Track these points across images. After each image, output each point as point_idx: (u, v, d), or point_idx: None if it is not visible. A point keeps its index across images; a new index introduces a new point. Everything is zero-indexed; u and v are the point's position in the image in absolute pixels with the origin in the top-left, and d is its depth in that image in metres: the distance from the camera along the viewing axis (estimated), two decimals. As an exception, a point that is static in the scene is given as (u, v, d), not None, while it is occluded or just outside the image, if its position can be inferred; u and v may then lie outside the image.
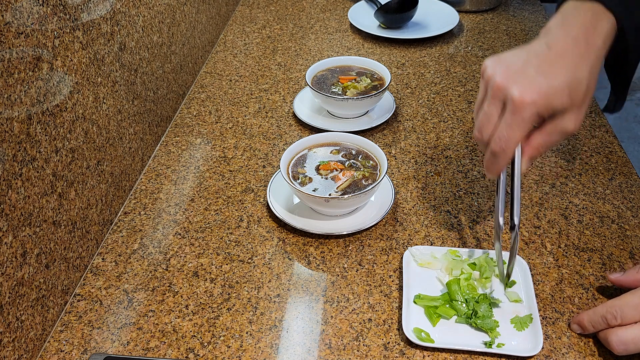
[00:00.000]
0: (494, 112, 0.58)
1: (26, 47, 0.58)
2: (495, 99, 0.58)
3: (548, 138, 0.59)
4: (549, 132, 0.59)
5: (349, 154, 0.81)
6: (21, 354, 0.59)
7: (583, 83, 0.57)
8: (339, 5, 1.40)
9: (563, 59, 0.57)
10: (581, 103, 0.57)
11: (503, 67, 0.58)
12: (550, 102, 0.56)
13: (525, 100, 0.55)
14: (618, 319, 0.57)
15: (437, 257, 0.70)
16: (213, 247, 0.74)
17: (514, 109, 0.56)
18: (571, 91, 0.56)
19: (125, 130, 0.81)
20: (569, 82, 0.56)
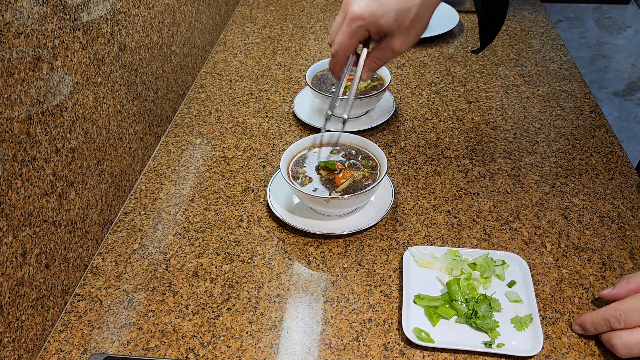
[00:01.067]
0: (339, 21, 0.70)
1: (26, 47, 0.58)
2: (342, 11, 0.69)
3: (382, 53, 0.71)
4: (382, 48, 0.70)
5: (349, 154, 0.81)
6: (21, 354, 0.59)
7: (412, 11, 0.66)
8: (339, 6, 1.40)
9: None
10: (408, 28, 0.67)
11: None
12: (377, 20, 0.66)
13: (356, 14, 0.66)
14: (622, 322, 0.56)
15: (437, 257, 0.70)
16: (213, 247, 0.74)
17: (347, 20, 0.67)
18: (398, 15, 0.66)
19: (125, 130, 0.81)
20: (398, 7, 0.66)
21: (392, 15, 0.66)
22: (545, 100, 1.02)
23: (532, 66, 1.12)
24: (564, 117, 0.97)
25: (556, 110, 0.99)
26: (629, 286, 0.61)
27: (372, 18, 0.66)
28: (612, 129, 0.94)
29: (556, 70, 1.11)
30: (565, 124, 0.96)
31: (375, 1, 0.66)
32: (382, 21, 0.66)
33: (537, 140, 0.92)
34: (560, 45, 1.20)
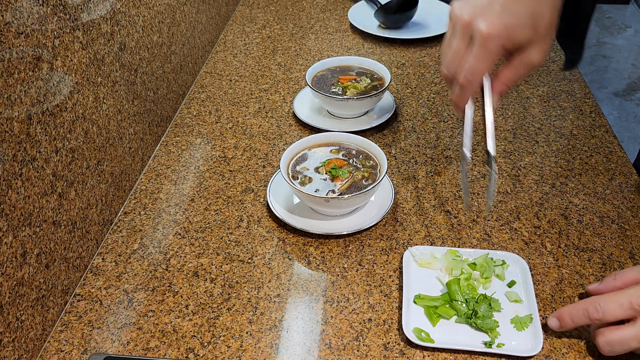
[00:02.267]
0: (461, 47, 0.60)
1: (26, 47, 0.58)
2: (463, 34, 0.60)
3: (515, 71, 0.62)
4: (515, 65, 0.61)
5: (349, 154, 0.81)
6: (21, 354, 0.59)
7: (546, 15, 0.58)
8: (339, 5, 1.40)
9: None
10: (545, 34, 0.59)
11: (469, 6, 0.60)
12: (515, 34, 0.58)
13: (491, 32, 0.57)
14: (600, 312, 0.56)
15: (437, 257, 0.70)
16: (213, 247, 0.74)
17: (481, 42, 0.58)
18: (534, 23, 0.58)
19: (125, 130, 0.81)
20: (532, 14, 0.58)
21: (529, 25, 0.58)
22: (545, 100, 1.02)
23: (532, 66, 1.12)
24: (564, 117, 0.97)
25: (556, 110, 0.99)
26: (615, 283, 0.61)
27: (509, 32, 0.57)
28: (612, 129, 0.94)
29: (556, 70, 1.11)
30: (565, 124, 0.96)
31: (505, 13, 0.57)
32: (519, 34, 0.58)
33: (537, 140, 0.92)
34: (560, 45, 1.20)
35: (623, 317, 0.55)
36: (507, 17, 0.57)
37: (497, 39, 0.57)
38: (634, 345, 0.55)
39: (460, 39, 0.60)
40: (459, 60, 0.61)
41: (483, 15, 0.58)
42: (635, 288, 0.56)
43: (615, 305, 0.55)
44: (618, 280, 0.60)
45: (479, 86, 0.61)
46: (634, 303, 0.55)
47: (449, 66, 0.62)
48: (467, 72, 0.60)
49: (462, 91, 0.62)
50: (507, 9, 0.58)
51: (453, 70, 0.62)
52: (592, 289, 0.63)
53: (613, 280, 0.61)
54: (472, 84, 0.60)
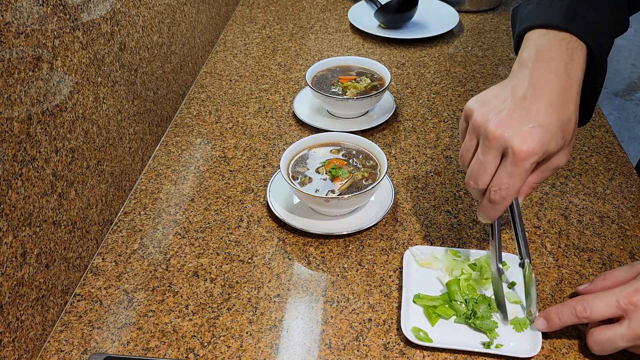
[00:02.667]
0: (491, 162, 0.57)
1: (26, 47, 0.58)
2: (492, 148, 0.57)
3: (542, 175, 0.61)
4: (542, 170, 0.60)
5: (349, 154, 0.81)
6: (21, 354, 0.59)
7: (572, 120, 0.58)
8: (339, 5, 1.40)
9: (553, 103, 0.57)
10: (571, 139, 0.59)
11: (493, 112, 0.57)
12: (548, 147, 0.56)
13: (526, 151, 0.55)
14: (587, 311, 0.56)
15: (438, 257, 0.70)
16: (213, 247, 0.74)
17: (516, 160, 0.55)
18: (564, 132, 0.57)
19: (125, 130, 0.81)
20: (561, 123, 0.57)
21: (559, 136, 0.56)
22: (545, 100, 1.01)
23: (532, 66, 1.12)
24: (564, 117, 0.97)
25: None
26: (605, 283, 0.61)
27: (544, 148, 0.55)
28: (612, 129, 0.94)
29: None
30: (565, 124, 0.96)
31: (538, 127, 0.55)
32: (552, 147, 0.56)
33: (537, 140, 0.92)
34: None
35: (610, 315, 0.55)
36: (540, 132, 0.55)
37: (533, 157, 0.55)
38: (622, 344, 0.55)
39: (488, 153, 0.57)
40: (488, 175, 0.58)
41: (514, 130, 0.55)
42: (623, 287, 0.56)
43: (602, 304, 0.55)
44: (608, 281, 0.61)
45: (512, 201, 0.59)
46: (621, 302, 0.54)
47: (476, 179, 0.59)
48: (501, 190, 0.57)
49: (494, 206, 0.59)
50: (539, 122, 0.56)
51: (482, 184, 0.59)
52: (582, 289, 0.63)
53: (603, 280, 0.61)
54: (505, 201, 0.58)
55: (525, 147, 0.55)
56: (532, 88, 0.58)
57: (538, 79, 0.58)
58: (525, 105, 0.57)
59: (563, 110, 0.57)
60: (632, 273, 0.59)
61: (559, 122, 0.56)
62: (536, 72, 0.58)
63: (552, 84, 0.57)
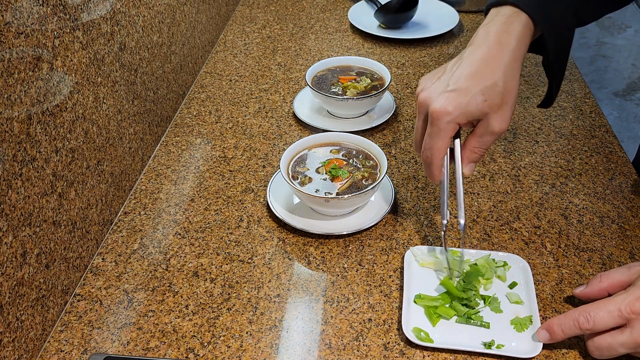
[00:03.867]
0: (420, 125, 0.64)
1: (26, 47, 0.58)
2: (420, 113, 0.64)
3: (480, 140, 0.63)
4: (479, 134, 0.63)
5: (349, 154, 0.81)
6: (21, 354, 0.59)
7: (498, 85, 0.60)
8: (339, 5, 1.40)
9: (476, 69, 0.61)
10: (501, 104, 0.61)
11: (428, 85, 0.63)
12: (465, 109, 0.60)
13: (439, 110, 0.60)
14: (590, 322, 0.56)
15: (439, 257, 0.70)
16: (213, 247, 0.74)
17: (432, 120, 0.61)
18: (486, 96, 0.60)
19: (125, 130, 0.81)
20: (482, 87, 0.60)
21: (479, 99, 0.60)
22: (545, 100, 1.02)
23: (532, 66, 1.12)
24: (564, 117, 0.97)
25: (556, 110, 0.99)
26: (601, 285, 0.61)
27: (459, 110, 0.60)
28: (612, 129, 0.94)
29: (556, 70, 1.11)
30: (565, 124, 0.96)
31: (454, 91, 0.60)
32: (470, 109, 0.60)
33: (537, 140, 0.92)
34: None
35: (613, 325, 0.55)
36: (455, 95, 0.60)
37: (446, 116, 0.60)
38: (622, 351, 0.55)
39: (419, 118, 0.64)
40: (419, 138, 0.65)
41: (434, 95, 0.61)
42: (623, 295, 0.56)
43: (604, 314, 0.55)
44: (604, 282, 0.60)
45: (441, 161, 0.64)
46: (623, 311, 0.54)
47: (415, 143, 0.67)
48: (426, 149, 0.63)
49: (426, 166, 0.65)
50: (458, 87, 0.60)
51: (417, 147, 0.66)
52: (578, 292, 0.63)
53: (599, 282, 0.61)
54: (433, 160, 0.63)
55: (438, 107, 0.60)
56: (461, 60, 0.62)
57: (470, 53, 0.62)
58: (450, 74, 0.62)
59: (487, 75, 0.60)
60: (629, 275, 0.59)
61: (480, 86, 0.60)
62: (472, 49, 0.63)
63: (478, 54, 0.61)
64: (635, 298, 0.55)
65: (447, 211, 0.68)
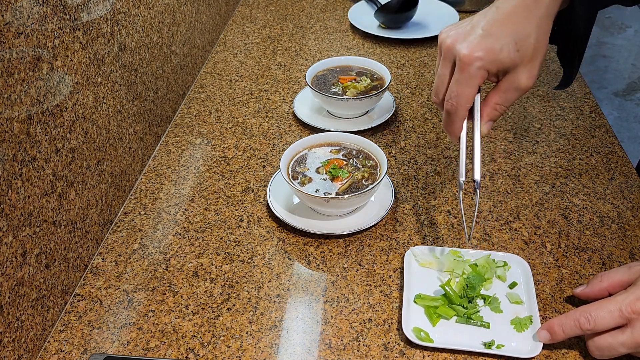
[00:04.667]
0: (445, 73, 0.60)
1: (26, 47, 0.58)
2: (446, 59, 0.60)
3: (503, 95, 0.61)
4: (503, 89, 0.60)
5: (349, 154, 0.81)
6: (21, 354, 0.59)
7: (531, 36, 0.57)
8: (339, 5, 1.40)
9: (509, 17, 0.58)
10: (532, 57, 0.58)
11: (454, 31, 0.60)
12: (497, 56, 0.57)
13: (471, 55, 0.57)
14: (591, 323, 0.56)
15: (439, 257, 0.70)
16: (213, 247, 0.74)
17: (462, 65, 0.58)
18: (519, 45, 0.57)
19: (125, 130, 0.81)
20: (516, 36, 0.57)
21: (512, 47, 0.57)
22: (545, 100, 1.02)
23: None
24: (564, 117, 0.97)
25: (556, 110, 0.99)
26: (601, 285, 0.61)
27: (491, 55, 0.57)
28: (612, 129, 0.94)
29: (556, 70, 1.11)
30: (565, 124, 0.96)
31: (486, 36, 0.57)
32: (502, 56, 0.57)
33: (537, 140, 0.92)
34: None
35: (614, 325, 0.55)
36: (489, 40, 0.57)
37: (477, 62, 0.57)
38: (623, 351, 0.55)
39: (443, 65, 0.60)
40: (444, 86, 0.61)
41: (465, 39, 0.58)
42: (624, 295, 0.56)
43: (605, 315, 0.55)
44: (604, 282, 0.60)
45: (466, 112, 0.60)
46: (624, 311, 0.54)
47: (436, 91, 0.62)
48: (451, 97, 0.59)
49: (449, 117, 0.61)
50: (489, 32, 0.58)
51: (440, 96, 0.62)
52: (579, 292, 0.63)
53: (599, 282, 0.61)
54: (457, 110, 0.60)
55: (470, 52, 0.57)
56: (495, 9, 0.59)
57: (502, 3, 0.59)
58: (483, 21, 0.59)
59: (521, 25, 0.57)
60: (629, 275, 0.59)
61: (514, 35, 0.57)
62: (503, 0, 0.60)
63: (514, 6, 0.58)
64: (635, 298, 0.55)
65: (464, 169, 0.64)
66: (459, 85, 0.59)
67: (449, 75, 0.60)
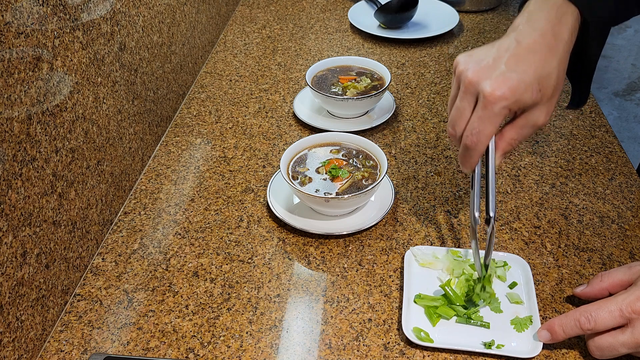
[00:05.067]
0: (466, 107, 0.59)
1: (26, 47, 0.58)
2: (468, 93, 0.59)
3: (520, 131, 0.61)
4: (520, 125, 0.61)
5: (349, 154, 0.81)
6: (21, 354, 0.59)
7: (552, 76, 0.58)
8: (339, 5, 1.40)
9: (532, 53, 0.58)
10: (551, 96, 0.59)
11: (474, 62, 0.59)
12: (521, 96, 0.57)
13: (496, 94, 0.56)
14: (592, 322, 0.56)
15: (439, 257, 0.70)
16: (213, 247, 0.74)
17: (486, 103, 0.57)
18: (541, 85, 0.58)
19: (125, 130, 0.81)
20: (539, 76, 0.57)
21: (535, 87, 0.57)
22: (545, 100, 1.01)
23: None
24: (564, 117, 0.97)
25: (556, 110, 0.99)
26: (602, 284, 0.60)
27: (515, 95, 0.57)
28: (612, 129, 0.94)
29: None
30: (565, 124, 0.96)
31: (510, 74, 0.57)
32: (526, 97, 0.57)
33: (537, 140, 0.92)
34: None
35: (614, 325, 0.55)
36: (513, 79, 0.57)
37: (502, 101, 0.56)
38: (623, 351, 0.55)
39: (464, 98, 0.59)
40: (463, 121, 0.60)
41: (488, 76, 0.57)
42: (624, 294, 0.56)
43: (606, 314, 0.55)
44: (605, 282, 0.60)
45: (485, 147, 0.60)
46: (624, 310, 0.54)
47: (453, 124, 0.61)
48: (473, 134, 0.59)
49: (467, 152, 0.61)
50: (513, 69, 0.57)
51: (458, 130, 0.61)
52: (579, 292, 0.63)
53: (600, 281, 0.61)
54: (477, 146, 0.60)
55: (495, 90, 0.56)
56: (516, 43, 0.59)
57: (524, 38, 0.59)
58: (506, 56, 0.58)
59: (543, 64, 0.57)
60: (630, 275, 0.59)
61: (537, 74, 0.57)
62: (523, 32, 0.59)
63: (535, 41, 0.58)
64: (636, 298, 0.55)
65: (479, 204, 0.64)
66: (482, 122, 0.58)
67: (469, 110, 0.59)
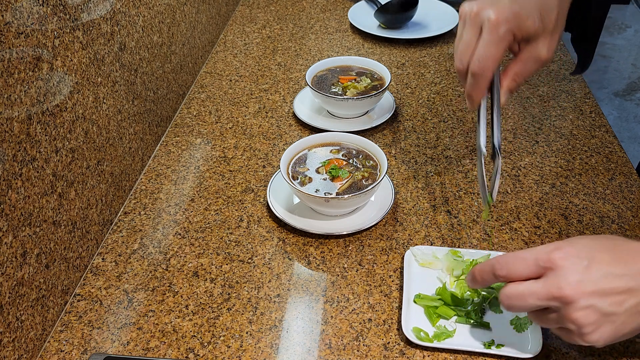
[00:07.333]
0: (472, 38, 0.61)
1: (26, 47, 0.58)
2: (473, 25, 0.61)
3: (524, 66, 0.63)
4: (523, 60, 0.63)
5: (349, 154, 0.81)
6: (21, 354, 0.59)
7: (553, 9, 0.60)
8: (339, 5, 1.40)
9: None
10: (553, 28, 0.61)
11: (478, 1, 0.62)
12: (524, 22, 0.60)
13: (499, 18, 0.59)
14: (504, 270, 0.54)
15: (439, 257, 0.70)
16: (213, 247, 0.74)
17: (490, 28, 0.59)
18: (542, 15, 0.60)
19: (125, 130, 0.81)
20: (540, 6, 0.60)
21: (536, 16, 0.60)
22: (545, 100, 1.02)
23: (532, 66, 1.12)
24: (564, 117, 0.97)
25: (556, 110, 0.99)
26: None
27: (518, 20, 0.59)
28: (612, 129, 0.94)
29: (556, 70, 1.11)
30: (565, 124, 0.96)
31: (512, 3, 0.60)
32: (528, 24, 0.60)
33: (537, 140, 0.92)
34: (560, 45, 1.20)
35: (528, 274, 0.53)
36: (515, 7, 0.59)
37: (505, 24, 0.59)
38: (531, 301, 0.52)
39: (470, 30, 0.62)
40: (470, 51, 0.62)
41: (492, 5, 0.60)
42: (543, 246, 0.53)
43: (520, 262, 0.53)
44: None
45: (492, 74, 0.62)
46: (539, 260, 0.52)
47: (461, 57, 0.63)
48: (479, 60, 0.61)
49: (475, 81, 0.62)
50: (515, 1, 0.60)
51: (465, 61, 0.62)
52: None
53: None
54: (484, 72, 0.61)
55: (499, 15, 0.59)
56: None
57: None
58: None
59: None
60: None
61: (538, 5, 0.60)
62: None
63: None
64: (554, 247, 0.53)
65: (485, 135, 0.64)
66: (487, 47, 0.60)
67: (474, 40, 0.61)
